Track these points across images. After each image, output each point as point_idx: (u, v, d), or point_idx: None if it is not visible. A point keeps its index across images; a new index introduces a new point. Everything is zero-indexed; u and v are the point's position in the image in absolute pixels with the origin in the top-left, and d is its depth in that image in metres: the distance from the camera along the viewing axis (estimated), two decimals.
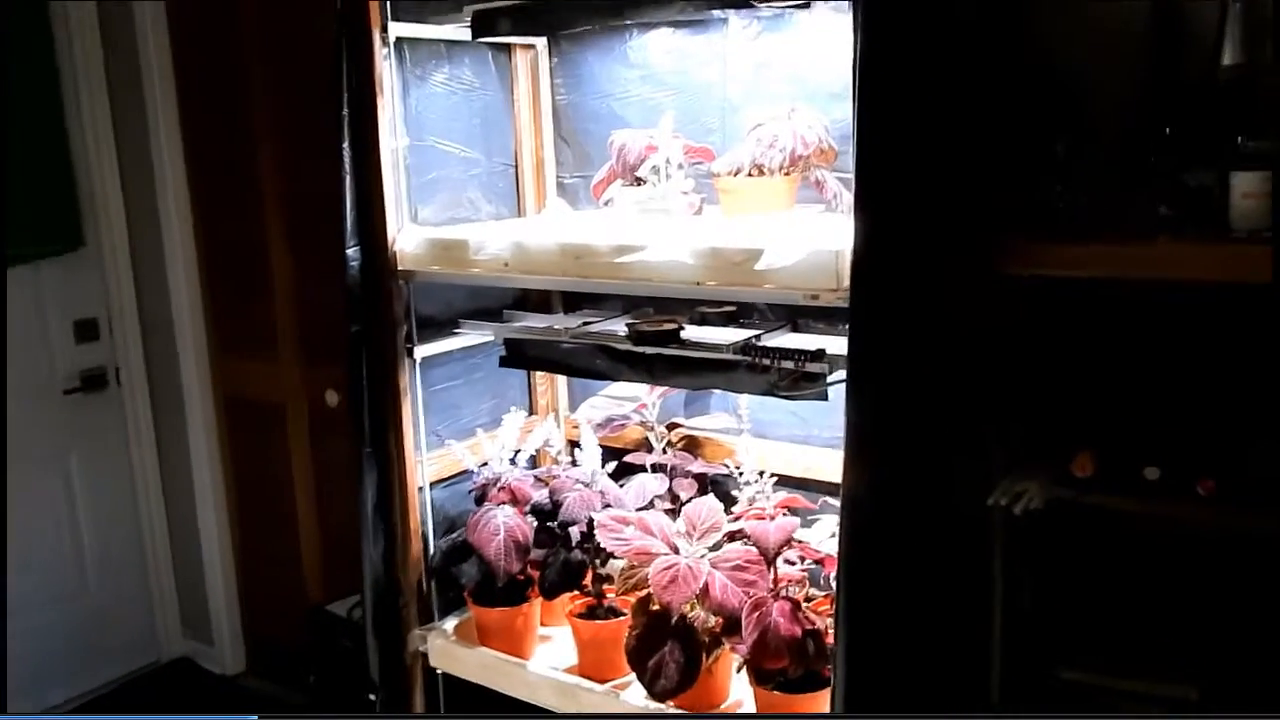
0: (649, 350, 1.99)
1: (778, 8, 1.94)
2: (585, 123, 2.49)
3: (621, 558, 2.04)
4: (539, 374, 2.65)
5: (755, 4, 1.86)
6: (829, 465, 2.25)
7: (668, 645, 1.96)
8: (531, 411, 2.69)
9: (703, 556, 1.98)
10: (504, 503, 2.23)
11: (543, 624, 2.35)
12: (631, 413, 2.38)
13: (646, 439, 2.46)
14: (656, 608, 2.03)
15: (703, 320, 2.11)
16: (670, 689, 1.93)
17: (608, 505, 2.18)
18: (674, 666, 1.94)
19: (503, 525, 2.18)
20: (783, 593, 1.93)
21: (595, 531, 2.05)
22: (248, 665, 3.55)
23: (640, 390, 2.41)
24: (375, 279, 2.17)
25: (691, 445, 2.46)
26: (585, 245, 1.90)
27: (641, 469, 2.32)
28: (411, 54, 2.26)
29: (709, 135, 2.26)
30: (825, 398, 1.84)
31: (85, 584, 3.34)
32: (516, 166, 2.55)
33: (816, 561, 2.00)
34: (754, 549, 1.99)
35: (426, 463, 2.32)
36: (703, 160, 2.13)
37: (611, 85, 2.44)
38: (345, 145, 2.12)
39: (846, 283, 1.62)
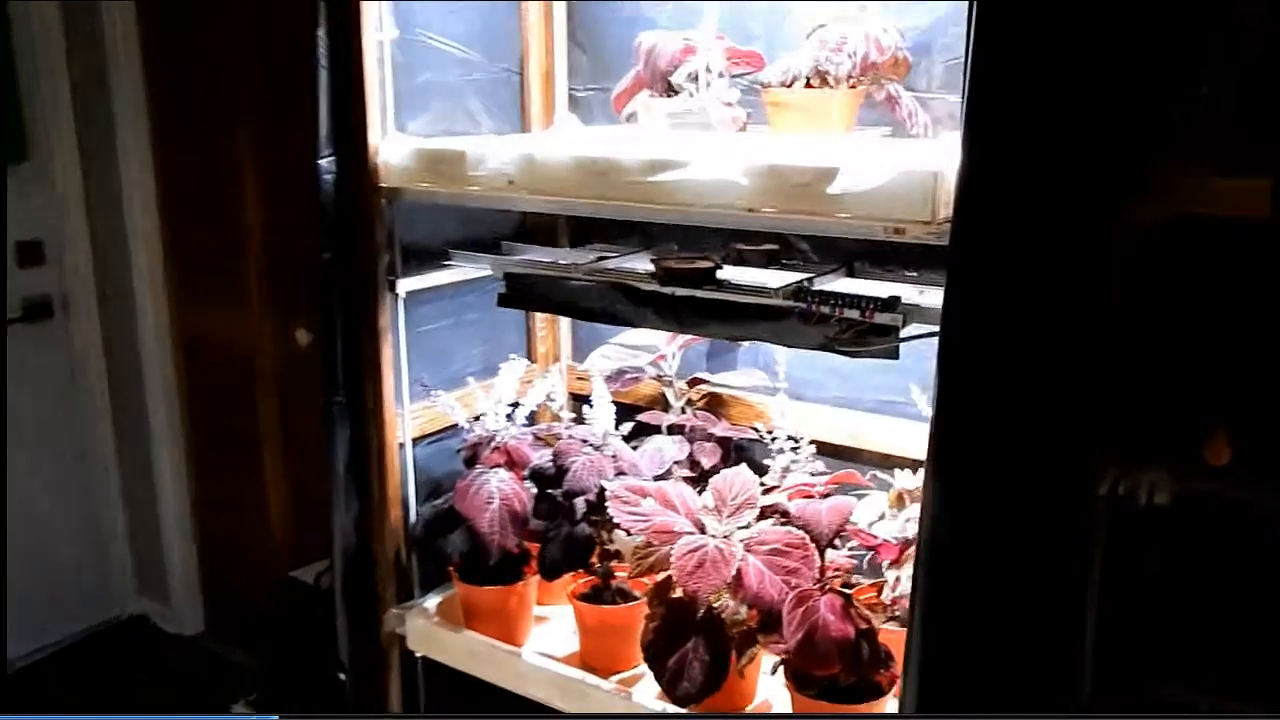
0: (679, 293, 1.66)
1: None
2: (604, 24, 2.14)
3: (637, 535, 1.72)
4: (541, 318, 2.32)
5: None
6: (877, 433, 1.95)
7: (691, 641, 1.65)
8: (531, 360, 2.36)
9: (734, 538, 1.67)
10: (499, 465, 1.91)
11: (539, 603, 2.04)
12: (647, 365, 2.06)
13: (663, 396, 2.14)
14: (678, 595, 1.72)
15: (740, 260, 1.78)
16: (693, 693, 1.62)
17: (620, 472, 1.86)
18: (699, 666, 1.64)
19: (497, 492, 1.86)
20: (831, 585, 1.62)
21: (607, 503, 1.74)
22: (207, 627, 3.25)
23: (658, 339, 2.08)
24: (353, 196, 1.82)
25: (714, 404, 2.14)
26: (610, 160, 1.56)
27: (656, 430, 2.00)
28: None
29: (752, 43, 1.91)
30: (896, 355, 1.52)
31: (35, 534, 3.00)
32: (522, 74, 2.19)
33: (869, 548, 1.70)
34: (796, 531, 1.68)
35: (409, 416, 2.00)
36: (750, 67, 1.78)
37: None
38: (320, 32, 1.76)
39: (944, 215, 1.29)
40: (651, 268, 1.72)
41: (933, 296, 1.62)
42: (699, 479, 1.92)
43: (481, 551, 1.85)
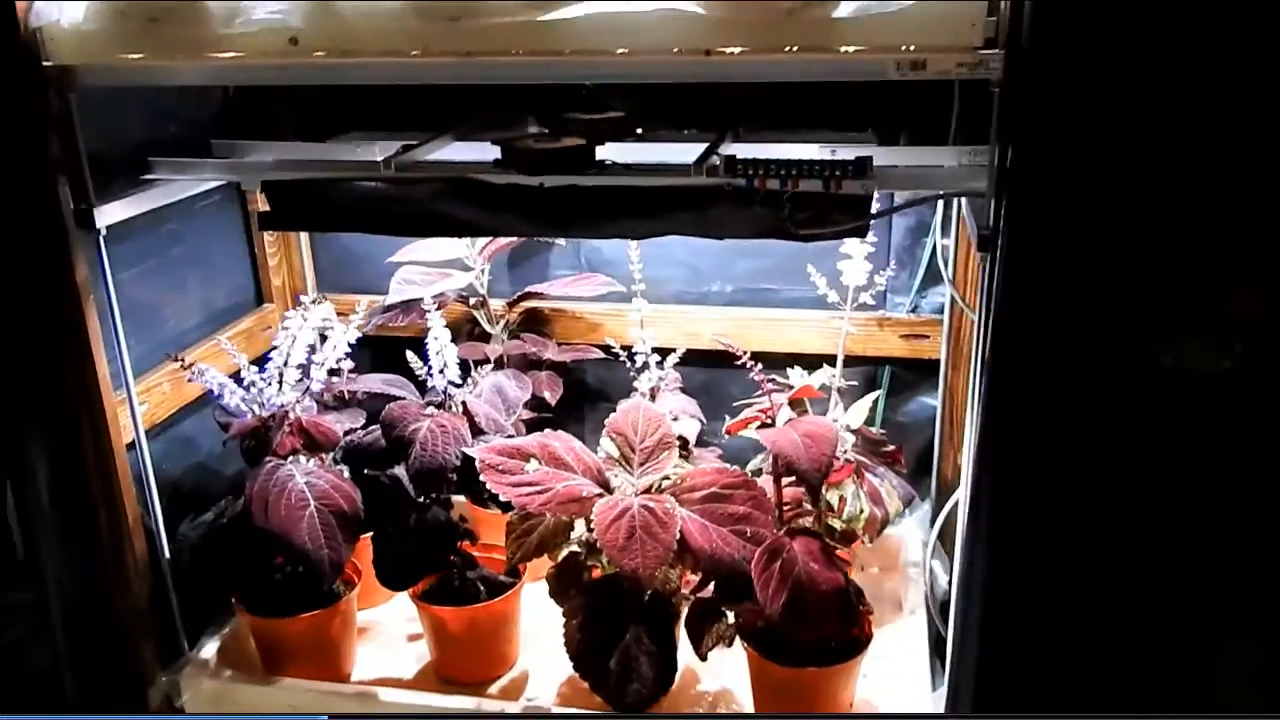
0: (549, 183, 1.21)
1: None
2: None
3: (535, 511, 1.30)
4: (269, 241, 1.73)
5: None
6: (754, 332, 1.65)
7: (632, 632, 1.28)
8: (261, 299, 1.77)
9: (662, 493, 1.30)
10: (295, 451, 1.37)
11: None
12: (462, 283, 1.58)
13: (470, 321, 1.69)
14: (598, 577, 1.34)
15: (592, 134, 1.34)
16: (646, 694, 1.27)
17: (479, 433, 1.40)
18: (647, 661, 1.28)
19: (309, 490, 1.33)
20: (793, 525, 1.32)
21: (482, 478, 1.28)
22: None
23: (459, 250, 1.61)
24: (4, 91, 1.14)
25: (531, 323, 1.72)
26: None
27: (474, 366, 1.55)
28: None
29: None
30: (865, 234, 1.20)
31: None
32: None
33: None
34: (726, 466, 1.35)
35: (138, 402, 1.37)
36: None
37: None
38: None
39: (979, 41, 0.98)
40: (499, 153, 1.25)
41: (895, 156, 1.32)
42: (549, 422, 1.52)
43: (307, 574, 1.32)
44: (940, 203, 1.51)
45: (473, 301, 1.64)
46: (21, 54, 1.14)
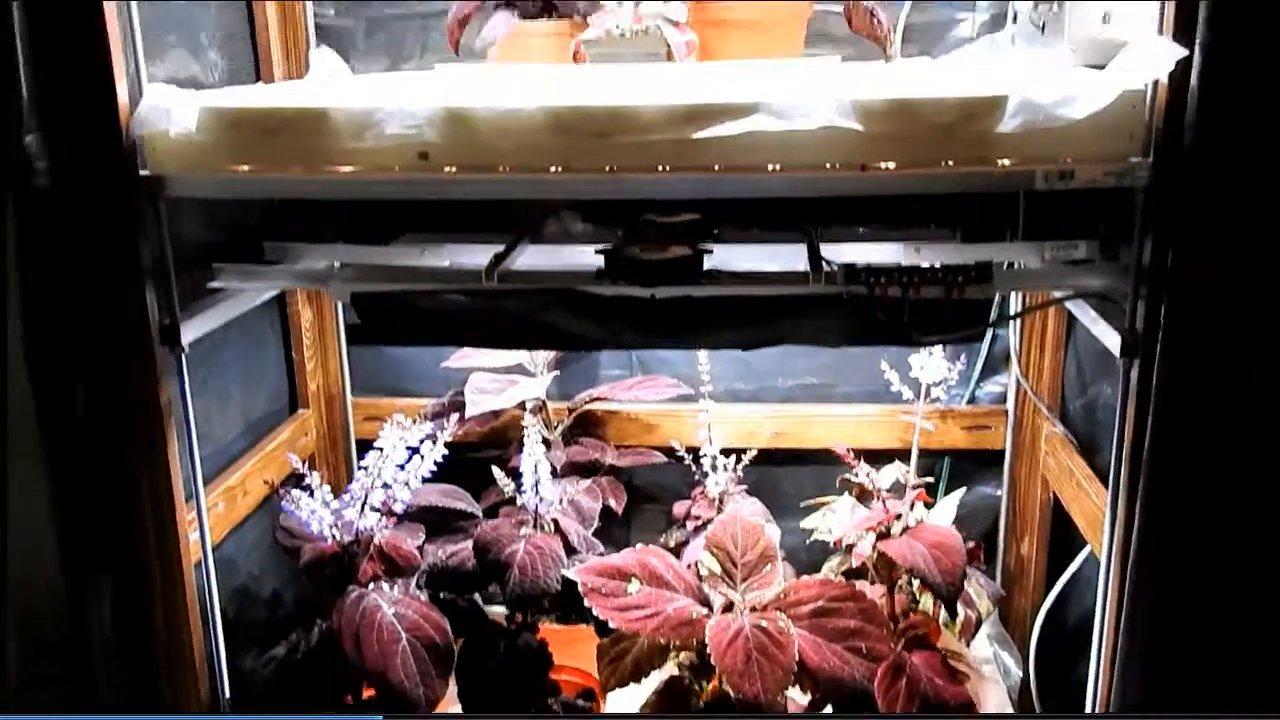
0: (659, 295, 1.19)
1: None
2: None
3: (647, 635, 1.24)
4: (308, 341, 1.65)
5: None
6: (814, 429, 1.63)
7: None
8: (296, 405, 1.68)
9: (769, 608, 1.26)
10: (376, 577, 1.29)
11: None
12: (518, 390, 1.53)
13: (522, 428, 1.63)
14: (706, 698, 1.29)
15: (671, 236, 1.32)
16: None
17: (571, 550, 1.34)
18: None
19: (399, 622, 1.25)
20: (911, 635, 1.29)
21: (587, 601, 1.23)
22: None
23: (523, 357, 1.57)
24: (96, 194, 1.07)
25: (584, 425, 1.67)
26: (614, 112, 1.03)
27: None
28: None
29: None
30: (981, 339, 1.21)
31: None
32: None
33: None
34: (832, 578, 1.32)
35: (207, 524, 1.28)
36: None
37: None
38: None
39: (1138, 152, 1.00)
40: (601, 262, 1.22)
41: (982, 253, 1.32)
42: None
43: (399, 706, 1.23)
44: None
45: (530, 406, 1.58)
46: (121, 165, 1.07)
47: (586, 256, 1.23)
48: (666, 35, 1.21)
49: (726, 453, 1.53)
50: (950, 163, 1.01)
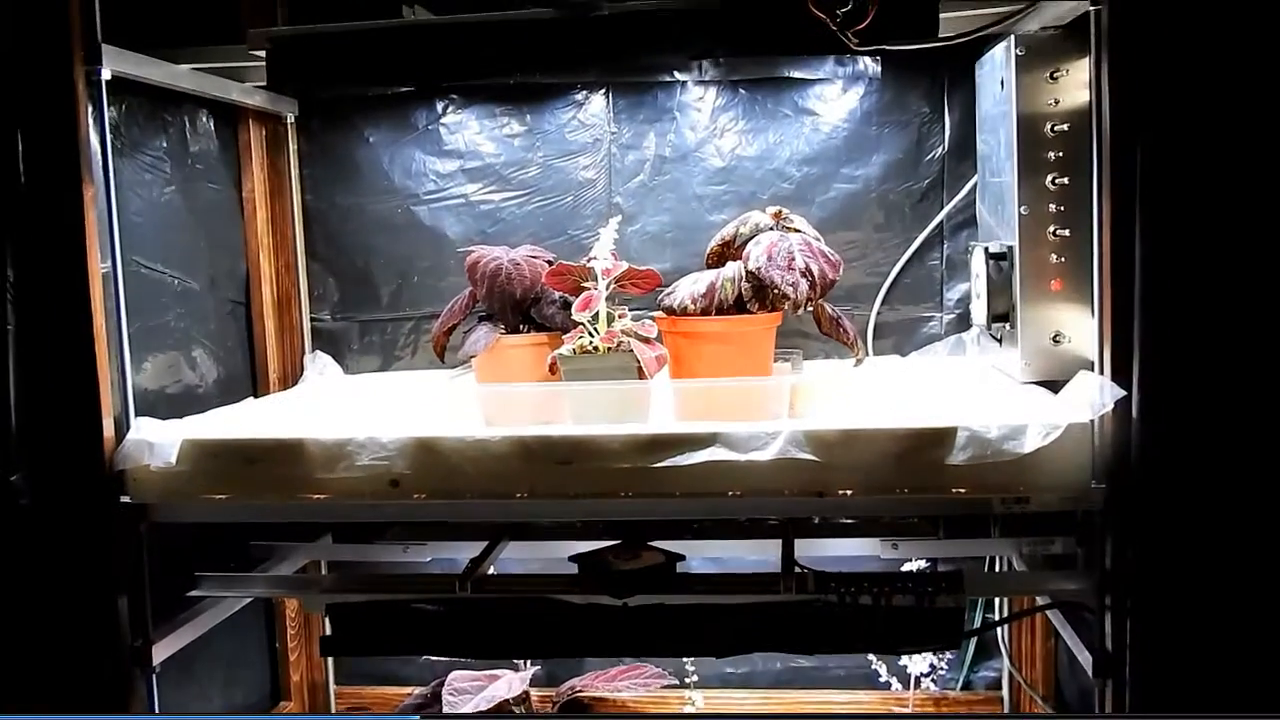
0: (633, 603, 1.19)
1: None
2: (357, 234, 1.63)
3: None
4: (292, 634, 1.65)
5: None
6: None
7: None
8: (278, 697, 1.66)
9: None
10: None
11: None
12: (499, 687, 1.51)
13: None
14: None
15: (647, 535, 1.34)
16: None
17: None
18: None
19: None
20: None
21: None
22: None
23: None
24: (78, 528, 1.10)
25: (571, 709, 1.63)
26: (579, 441, 1.07)
27: None
28: (120, 108, 1.28)
29: (578, 254, 1.49)
30: (957, 646, 1.19)
31: None
32: (248, 303, 1.58)
33: None
34: None
35: None
36: (640, 287, 1.37)
37: (403, 178, 1.62)
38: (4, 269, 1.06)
39: (1088, 481, 1.02)
40: (575, 569, 1.23)
41: (955, 549, 1.33)
42: None
43: None
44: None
45: (513, 698, 1.55)
46: (102, 495, 1.11)
47: (567, 553, 1.24)
48: (637, 352, 1.26)
49: None
50: (905, 490, 1.04)
